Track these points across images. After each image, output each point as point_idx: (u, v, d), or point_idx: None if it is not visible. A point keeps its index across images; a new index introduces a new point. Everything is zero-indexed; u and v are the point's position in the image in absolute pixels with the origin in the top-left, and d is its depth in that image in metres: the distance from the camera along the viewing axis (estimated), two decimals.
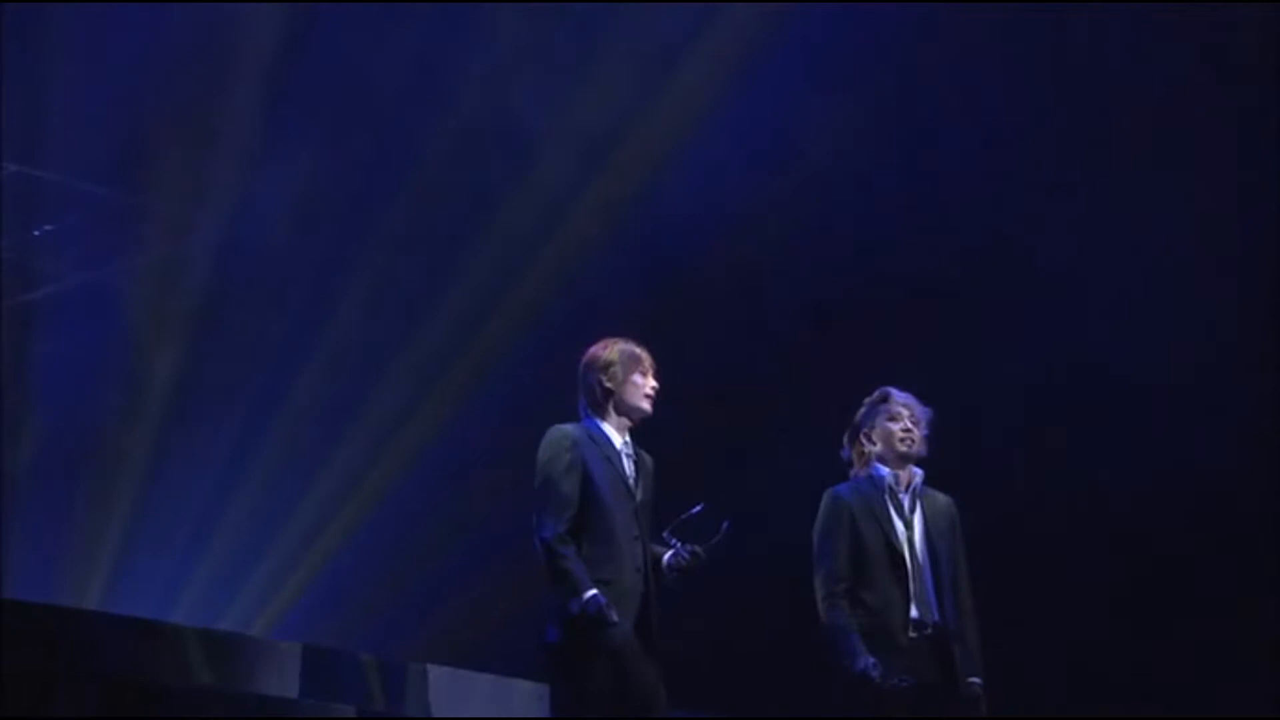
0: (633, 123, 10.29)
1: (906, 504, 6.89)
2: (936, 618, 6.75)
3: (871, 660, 6.63)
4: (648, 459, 6.74)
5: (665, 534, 6.62)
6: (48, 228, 10.68)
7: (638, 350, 6.71)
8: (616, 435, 6.66)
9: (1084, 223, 9.81)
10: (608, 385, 6.65)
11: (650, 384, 6.72)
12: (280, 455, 10.44)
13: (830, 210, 10.13)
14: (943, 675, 6.71)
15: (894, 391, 7.03)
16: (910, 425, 6.92)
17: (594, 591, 6.33)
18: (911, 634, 6.73)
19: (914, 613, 6.76)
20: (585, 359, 6.70)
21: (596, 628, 6.30)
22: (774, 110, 10.09)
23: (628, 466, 6.62)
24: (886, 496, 6.90)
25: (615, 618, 6.34)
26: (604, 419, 6.66)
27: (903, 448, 6.92)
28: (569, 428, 6.61)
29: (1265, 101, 9.50)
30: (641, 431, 6.76)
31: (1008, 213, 9.94)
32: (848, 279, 10.17)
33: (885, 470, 6.94)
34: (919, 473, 6.96)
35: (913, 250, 10.05)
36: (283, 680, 8.01)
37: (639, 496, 6.61)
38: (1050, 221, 9.86)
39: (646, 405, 6.69)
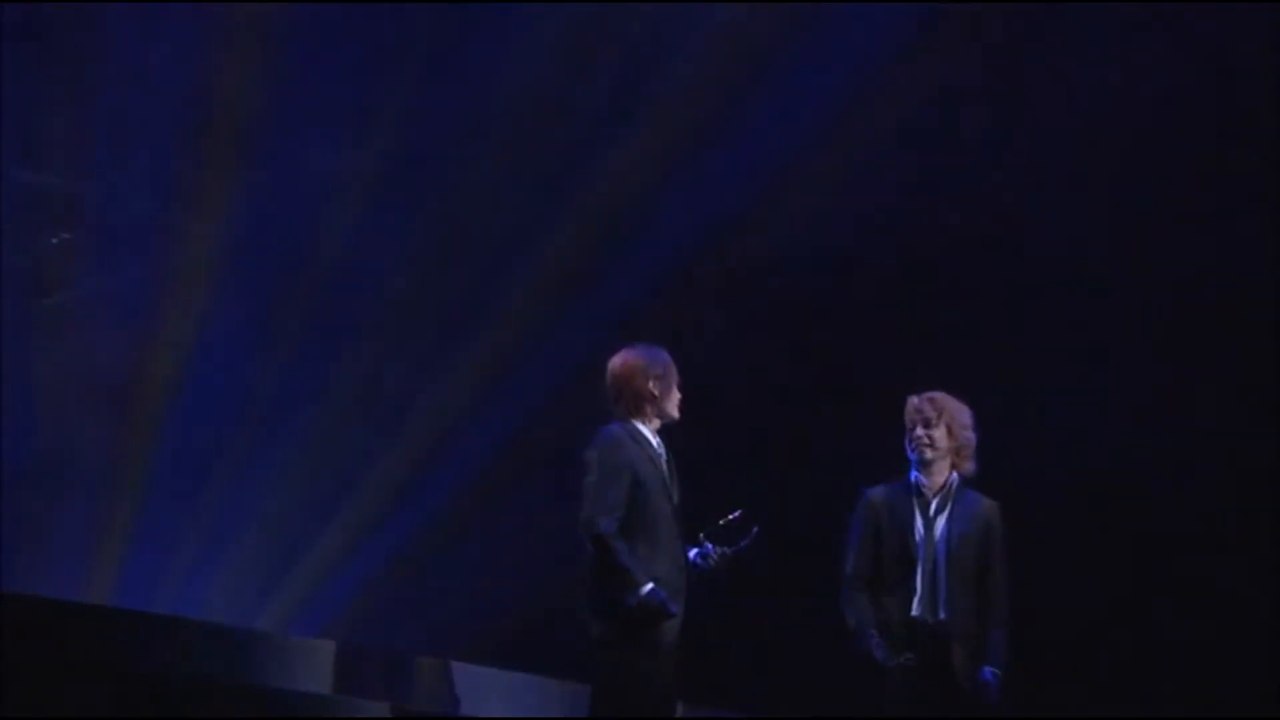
0: (647, 121, 10.41)
1: (934, 506, 7.06)
2: (943, 617, 6.94)
3: (877, 640, 6.93)
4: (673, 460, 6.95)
5: (701, 535, 6.84)
6: (65, 235, 10.75)
7: (670, 358, 6.94)
8: (652, 438, 6.87)
9: (1087, 220, 9.93)
10: (654, 391, 6.85)
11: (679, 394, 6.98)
12: (304, 452, 10.46)
13: (841, 211, 10.24)
14: (935, 673, 6.91)
15: (910, 399, 7.18)
16: (921, 431, 7.09)
17: (652, 585, 6.56)
18: (906, 632, 6.94)
19: (915, 610, 6.96)
20: (630, 364, 6.87)
21: (651, 622, 6.54)
22: (785, 111, 10.24)
23: (665, 468, 6.84)
24: (914, 499, 7.08)
25: (675, 610, 6.60)
26: (644, 422, 6.86)
27: (915, 454, 7.11)
28: (617, 428, 6.80)
29: (1264, 100, 9.64)
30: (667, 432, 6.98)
31: (1013, 213, 10.05)
32: (861, 279, 10.28)
33: (915, 474, 7.13)
34: (955, 477, 7.10)
35: (925, 250, 10.15)
36: (317, 677, 8.16)
37: (675, 498, 6.84)
38: (1055, 218, 9.97)
39: (677, 413, 6.93)
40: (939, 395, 7.14)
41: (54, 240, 10.67)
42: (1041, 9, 9.97)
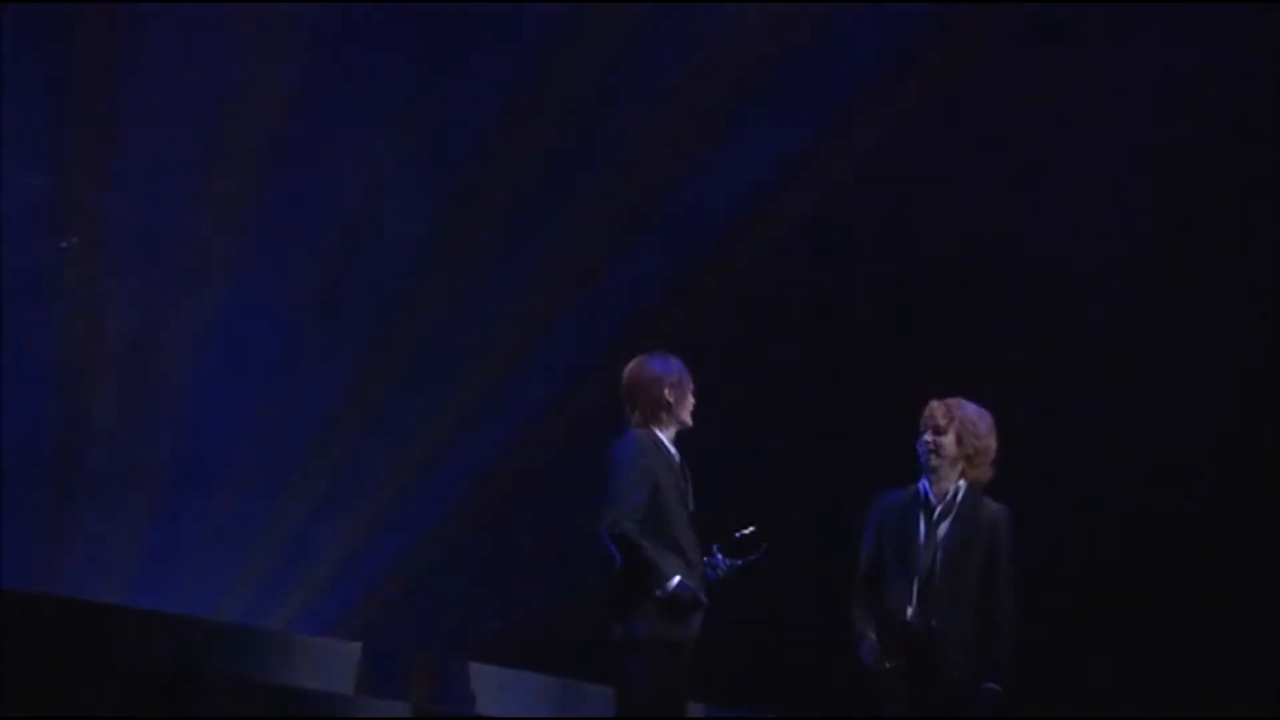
0: (649, 121, 10.53)
1: (938, 512, 7.11)
2: (935, 623, 6.99)
3: (870, 643, 7.01)
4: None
5: (714, 547, 6.95)
6: (73, 239, 10.81)
7: (685, 366, 7.06)
8: (669, 444, 6.98)
9: (1085, 220, 10.04)
10: (669, 399, 6.96)
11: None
12: (313, 452, 10.54)
13: (853, 213, 10.35)
14: (927, 677, 7.00)
15: (930, 403, 7.20)
16: (930, 437, 7.12)
17: (680, 578, 6.70)
18: (900, 635, 7.02)
19: (909, 615, 7.03)
20: (646, 372, 6.99)
21: (681, 613, 6.68)
22: (789, 110, 10.35)
23: (682, 474, 6.95)
24: (919, 505, 7.14)
25: (704, 599, 6.75)
26: (662, 429, 6.97)
27: (924, 459, 7.17)
28: (641, 434, 6.90)
29: (1262, 97, 9.73)
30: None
31: (1017, 213, 10.17)
32: (864, 281, 10.39)
33: (923, 480, 7.19)
34: (961, 483, 7.13)
35: (928, 251, 10.25)
36: (329, 676, 8.23)
37: (692, 504, 6.96)
38: (1057, 219, 10.09)
39: (691, 421, 7.05)
40: (955, 401, 7.17)
41: (63, 244, 10.73)
42: (1043, 9, 10.08)
